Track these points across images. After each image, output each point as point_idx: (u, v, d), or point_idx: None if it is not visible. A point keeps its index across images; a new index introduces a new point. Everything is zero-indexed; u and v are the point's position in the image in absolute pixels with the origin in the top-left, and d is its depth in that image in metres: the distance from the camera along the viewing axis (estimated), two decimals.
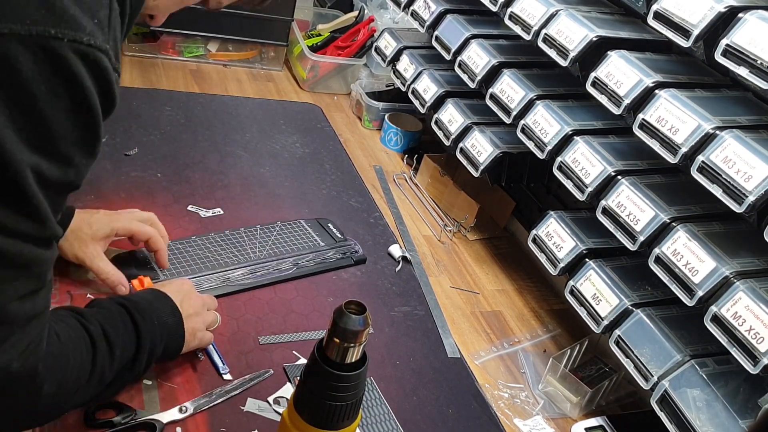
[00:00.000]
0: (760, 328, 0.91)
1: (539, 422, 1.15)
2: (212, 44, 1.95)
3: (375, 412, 1.05)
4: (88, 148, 0.67)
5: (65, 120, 0.63)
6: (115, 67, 0.66)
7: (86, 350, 0.80)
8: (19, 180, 0.61)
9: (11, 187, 0.61)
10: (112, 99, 0.67)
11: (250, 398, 1.01)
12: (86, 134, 0.66)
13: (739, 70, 0.94)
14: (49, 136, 0.62)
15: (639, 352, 1.07)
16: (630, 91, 1.09)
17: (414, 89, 1.64)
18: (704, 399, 0.99)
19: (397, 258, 1.39)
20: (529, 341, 1.33)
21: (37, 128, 0.61)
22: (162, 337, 0.92)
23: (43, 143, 0.62)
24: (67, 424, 0.89)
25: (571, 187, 1.19)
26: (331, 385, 0.78)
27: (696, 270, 0.99)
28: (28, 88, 0.59)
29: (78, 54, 0.61)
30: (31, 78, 0.59)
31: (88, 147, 0.67)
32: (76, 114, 0.63)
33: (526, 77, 1.37)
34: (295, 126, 1.77)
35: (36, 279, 0.68)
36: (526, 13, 1.27)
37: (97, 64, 0.63)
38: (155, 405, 0.96)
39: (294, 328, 1.16)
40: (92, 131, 0.66)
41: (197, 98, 1.75)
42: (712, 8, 0.98)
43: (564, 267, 1.22)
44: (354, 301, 0.78)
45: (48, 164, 0.63)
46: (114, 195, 1.32)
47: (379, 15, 2.04)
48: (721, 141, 0.96)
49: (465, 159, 1.47)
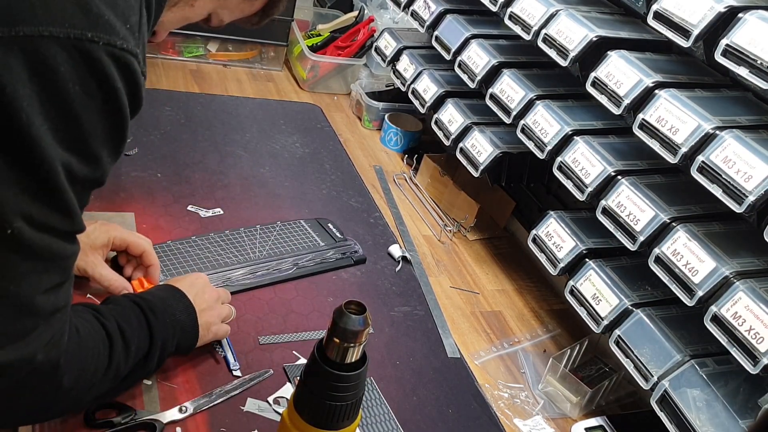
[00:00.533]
0: (760, 328, 0.91)
1: (539, 422, 1.15)
2: (212, 44, 1.95)
3: (375, 412, 1.05)
4: (115, 146, 0.70)
5: (96, 119, 0.66)
6: (143, 71, 0.69)
7: (103, 346, 0.81)
8: (52, 176, 0.64)
9: (44, 183, 0.64)
10: (139, 100, 0.70)
11: (250, 398, 1.01)
12: (114, 133, 0.69)
13: (739, 70, 0.94)
14: (81, 134, 0.65)
15: (639, 352, 1.07)
16: (630, 91, 1.09)
17: (414, 89, 1.64)
18: (704, 399, 0.99)
19: (397, 258, 1.39)
20: (529, 341, 1.33)
21: (70, 126, 0.64)
22: (175, 334, 0.94)
23: (75, 141, 0.65)
24: (67, 424, 0.89)
25: (571, 187, 1.19)
26: (331, 385, 0.78)
27: (696, 270, 0.99)
28: (63, 88, 0.62)
29: (111, 57, 0.64)
30: (67, 78, 0.62)
31: (115, 146, 0.70)
32: (107, 114, 0.66)
33: (526, 77, 1.37)
34: (295, 126, 1.77)
35: (61, 272, 0.71)
36: (526, 13, 1.27)
37: (128, 66, 0.66)
38: (155, 405, 0.96)
39: (294, 328, 1.16)
40: (120, 130, 0.69)
41: (197, 98, 1.75)
42: (712, 8, 0.98)
43: (564, 267, 1.22)
44: (354, 301, 0.78)
45: (78, 161, 0.66)
46: (114, 195, 1.32)
47: (379, 15, 2.04)
48: (721, 141, 0.96)
49: (465, 159, 1.47)
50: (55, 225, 0.67)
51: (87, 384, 0.79)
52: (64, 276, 0.71)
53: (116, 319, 0.85)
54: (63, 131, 0.64)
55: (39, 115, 0.61)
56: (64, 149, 0.64)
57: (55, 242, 0.68)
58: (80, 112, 0.64)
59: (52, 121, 0.63)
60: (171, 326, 0.93)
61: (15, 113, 0.60)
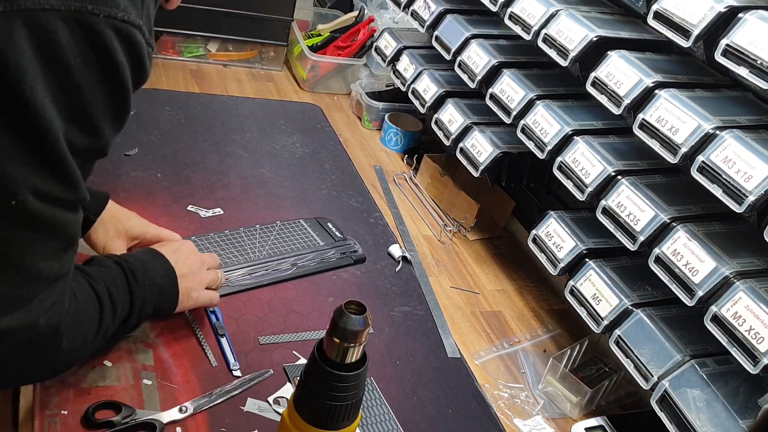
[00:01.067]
0: (760, 328, 0.91)
1: (539, 422, 1.15)
2: (212, 44, 1.95)
3: (375, 412, 1.05)
4: (117, 118, 0.71)
5: (97, 91, 0.67)
6: (148, 41, 0.70)
7: (94, 310, 0.84)
8: (55, 147, 0.65)
9: (47, 155, 0.65)
10: (143, 72, 0.71)
11: (250, 398, 1.01)
12: (116, 105, 0.70)
13: (739, 70, 0.94)
14: (82, 106, 0.67)
15: (639, 352, 1.07)
16: (630, 91, 1.09)
17: (414, 89, 1.64)
18: (704, 399, 0.99)
19: (397, 258, 1.39)
20: (529, 341, 1.33)
21: (71, 97, 0.65)
22: (153, 297, 0.95)
23: (76, 112, 0.66)
24: (68, 424, 0.89)
25: (571, 187, 1.19)
26: (331, 385, 0.78)
27: (696, 270, 0.99)
28: (64, 60, 0.63)
29: (113, 29, 0.65)
30: (67, 50, 0.63)
31: (117, 117, 0.71)
32: (108, 85, 0.67)
33: (526, 77, 1.37)
34: (295, 126, 1.77)
35: (64, 241, 0.73)
36: (526, 13, 1.27)
37: (130, 38, 0.67)
38: (155, 405, 0.96)
39: (294, 328, 1.16)
40: (122, 102, 0.70)
41: (197, 98, 1.75)
42: (712, 8, 0.98)
43: (564, 267, 1.22)
44: (354, 301, 0.78)
45: (78, 132, 0.67)
46: (114, 195, 1.30)
47: (379, 15, 2.04)
48: (721, 141, 0.96)
49: (465, 159, 1.47)
50: (59, 195, 0.69)
51: (82, 345, 0.83)
52: (67, 244, 0.73)
53: (105, 282, 0.87)
54: (63, 102, 0.65)
55: (42, 87, 0.63)
56: (65, 120, 0.65)
57: (59, 212, 0.70)
58: (81, 84, 0.65)
59: (53, 93, 0.64)
60: (150, 289, 0.94)
61: (19, 86, 0.61)
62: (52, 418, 0.90)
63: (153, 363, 1.02)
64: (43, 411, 0.90)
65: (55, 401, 0.92)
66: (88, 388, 0.95)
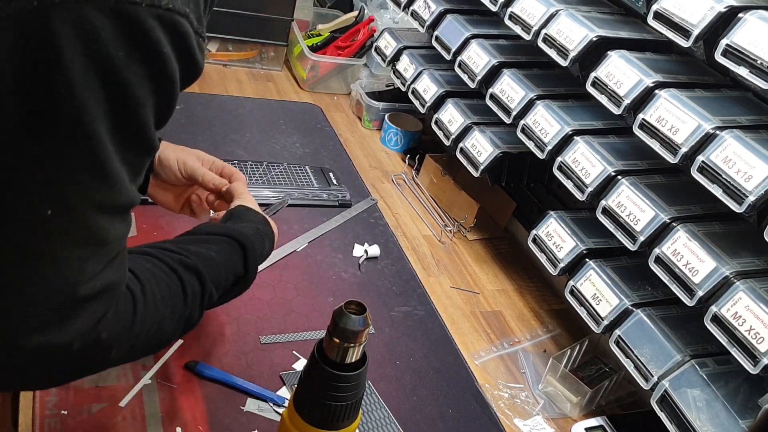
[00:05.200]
0: (760, 328, 0.91)
1: (539, 422, 1.15)
2: (212, 44, 1.95)
3: (374, 417, 1.05)
4: (161, 115, 0.66)
5: (143, 87, 0.61)
6: (197, 31, 0.63)
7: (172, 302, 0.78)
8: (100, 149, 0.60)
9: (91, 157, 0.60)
10: (194, 64, 0.65)
11: (250, 398, 1.01)
12: (161, 101, 0.64)
13: (739, 70, 0.94)
14: (127, 103, 0.61)
15: (639, 352, 1.07)
16: (630, 91, 1.09)
17: (414, 89, 1.64)
18: (704, 399, 0.99)
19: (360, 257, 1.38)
20: (529, 341, 1.33)
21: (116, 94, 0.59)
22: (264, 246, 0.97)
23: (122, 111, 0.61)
24: (68, 424, 0.89)
25: (571, 187, 1.19)
26: (331, 385, 0.78)
27: (696, 270, 0.99)
28: (106, 54, 0.57)
29: (156, 19, 0.58)
30: (109, 44, 0.57)
31: (161, 114, 0.65)
32: (154, 80, 0.62)
33: (526, 77, 1.37)
34: (295, 126, 1.76)
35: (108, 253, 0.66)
36: (526, 13, 1.27)
37: (176, 28, 0.60)
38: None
39: (294, 328, 1.16)
40: (168, 99, 0.65)
41: (197, 98, 1.75)
42: (712, 8, 0.98)
43: (564, 267, 1.22)
44: (354, 301, 0.78)
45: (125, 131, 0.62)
46: None
47: (379, 15, 2.04)
48: (721, 141, 0.96)
49: (465, 159, 1.47)
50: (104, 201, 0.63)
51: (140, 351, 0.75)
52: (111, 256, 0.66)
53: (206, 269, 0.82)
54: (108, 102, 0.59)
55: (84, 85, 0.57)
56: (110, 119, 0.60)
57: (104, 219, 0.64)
58: (125, 79, 0.59)
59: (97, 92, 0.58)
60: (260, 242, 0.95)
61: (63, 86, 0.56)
62: (52, 418, 0.90)
63: (153, 363, 1.02)
64: (43, 411, 0.90)
65: (55, 401, 0.92)
66: (88, 388, 0.95)
